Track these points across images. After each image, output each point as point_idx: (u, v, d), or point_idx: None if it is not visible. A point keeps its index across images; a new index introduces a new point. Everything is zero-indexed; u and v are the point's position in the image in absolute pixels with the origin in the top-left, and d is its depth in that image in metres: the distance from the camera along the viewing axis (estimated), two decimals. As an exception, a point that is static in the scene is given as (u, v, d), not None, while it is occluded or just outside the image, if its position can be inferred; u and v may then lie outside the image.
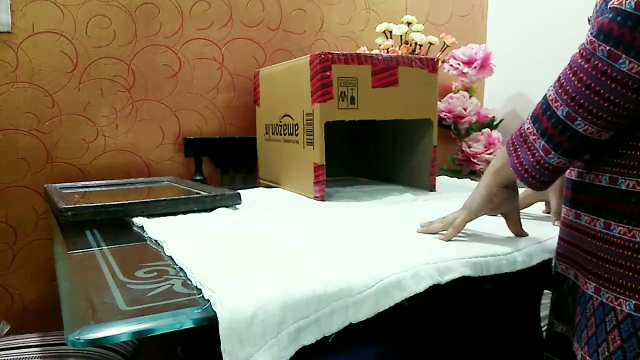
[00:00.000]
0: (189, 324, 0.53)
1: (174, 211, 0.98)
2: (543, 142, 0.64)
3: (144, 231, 0.87)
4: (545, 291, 1.25)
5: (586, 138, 0.61)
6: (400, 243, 0.77)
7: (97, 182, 1.36)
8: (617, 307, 0.59)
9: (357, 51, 1.80)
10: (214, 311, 0.53)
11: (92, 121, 1.46)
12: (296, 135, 1.22)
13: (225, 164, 1.63)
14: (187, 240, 0.78)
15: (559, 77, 0.62)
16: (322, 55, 1.09)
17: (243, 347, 0.52)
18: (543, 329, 1.04)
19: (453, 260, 0.68)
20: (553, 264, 0.75)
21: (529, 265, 0.74)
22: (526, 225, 0.83)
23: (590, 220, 0.64)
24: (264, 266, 0.66)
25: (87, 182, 1.34)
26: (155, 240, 0.80)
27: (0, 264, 1.39)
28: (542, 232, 0.82)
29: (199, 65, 1.59)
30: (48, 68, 1.40)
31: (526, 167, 0.67)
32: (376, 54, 1.17)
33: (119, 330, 0.50)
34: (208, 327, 0.54)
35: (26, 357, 0.94)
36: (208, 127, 1.63)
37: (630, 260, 0.58)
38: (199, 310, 0.54)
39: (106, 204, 0.94)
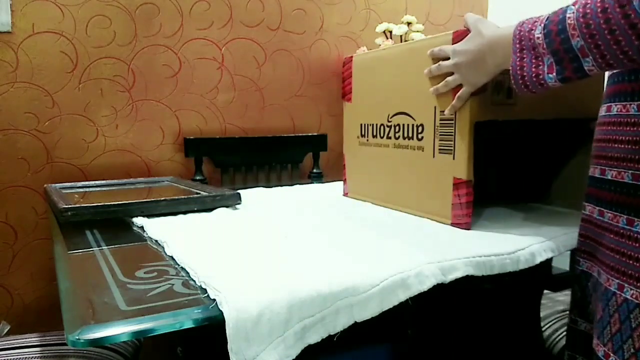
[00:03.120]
0: (189, 324, 0.53)
1: (174, 211, 0.97)
2: (552, 60, 0.64)
3: (144, 231, 0.86)
4: (546, 291, 1.25)
5: (585, 75, 0.62)
6: (404, 242, 0.76)
7: (97, 182, 1.35)
8: None
9: (357, 51, 1.79)
10: (220, 310, 0.53)
11: (92, 121, 1.46)
12: (419, 139, 0.94)
13: (225, 164, 1.63)
14: (189, 240, 0.78)
15: (587, 5, 0.59)
16: None
17: (250, 346, 0.52)
18: (543, 328, 1.04)
19: (457, 260, 0.67)
20: (571, 262, 0.75)
21: (532, 264, 0.73)
22: (529, 224, 0.83)
23: (613, 217, 0.64)
24: (268, 266, 0.65)
25: (87, 182, 1.34)
26: (156, 240, 0.80)
27: (0, 264, 1.39)
28: (545, 231, 0.82)
29: (199, 65, 1.59)
30: (48, 68, 1.40)
31: (525, 74, 0.68)
32: None
33: (119, 330, 0.50)
34: (208, 327, 0.54)
35: (26, 357, 0.94)
36: (208, 127, 1.62)
37: None
38: (199, 310, 0.54)
39: (106, 204, 0.93)
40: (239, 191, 1.07)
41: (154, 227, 0.86)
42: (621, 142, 0.63)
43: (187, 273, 0.63)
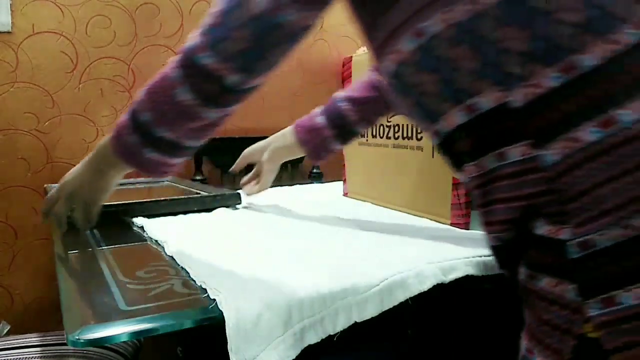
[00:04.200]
0: (189, 324, 0.53)
1: (173, 211, 0.97)
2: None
3: (144, 231, 0.86)
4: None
5: None
6: (404, 243, 0.76)
7: (97, 182, 1.35)
8: None
9: (357, 52, 1.79)
10: (220, 310, 0.53)
11: (92, 121, 1.46)
12: (418, 139, 0.93)
13: (225, 164, 1.63)
14: (189, 240, 0.78)
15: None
16: None
17: (249, 347, 0.52)
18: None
19: (457, 260, 0.67)
20: None
21: (531, 264, 0.73)
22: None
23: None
24: (268, 266, 0.65)
25: (87, 182, 1.34)
26: (156, 240, 0.80)
27: (0, 264, 1.39)
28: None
29: (199, 65, 1.59)
30: (48, 68, 1.40)
31: None
32: None
33: (119, 330, 0.50)
34: (208, 327, 0.54)
35: (26, 357, 0.94)
36: (208, 127, 1.62)
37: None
38: (199, 310, 0.54)
39: (106, 204, 0.93)
40: (239, 191, 1.07)
41: (154, 227, 0.86)
42: None
43: (187, 273, 0.63)
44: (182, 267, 0.66)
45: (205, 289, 0.57)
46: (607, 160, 0.43)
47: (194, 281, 0.60)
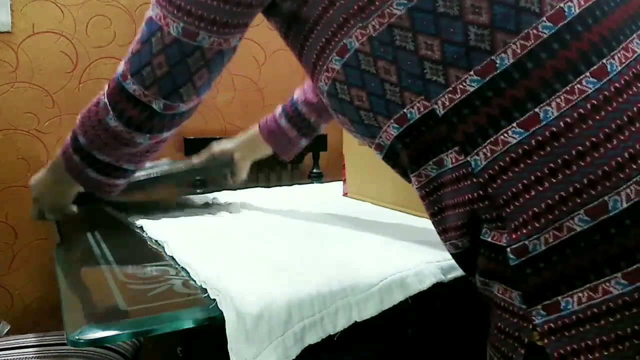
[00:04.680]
0: (189, 324, 0.53)
1: (173, 182, 1.00)
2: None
3: (144, 231, 0.86)
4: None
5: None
6: (403, 242, 0.76)
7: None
8: None
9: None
10: (220, 310, 0.53)
11: (92, 121, 1.46)
12: None
13: (225, 164, 1.63)
14: (189, 240, 0.78)
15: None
16: None
17: (249, 347, 0.52)
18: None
19: (456, 260, 0.67)
20: None
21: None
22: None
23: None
24: (268, 266, 0.65)
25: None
26: (156, 240, 0.80)
27: (0, 264, 1.39)
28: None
29: (199, 65, 1.59)
30: (48, 68, 1.40)
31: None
32: None
33: (119, 330, 0.50)
34: (208, 327, 0.54)
35: (26, 357, 0.94)
36: (208, 127, 1.62)
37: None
38: (199, 310, 0.54)
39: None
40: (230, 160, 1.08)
41: (153, 227, 0.86)
42: None
43: (187, 273, 0.63)
44: (182, 267, 0.66)
45: (205, 289, 0.58)
46: (533, 161, 0.42)
47: (194, 281, 0.61)
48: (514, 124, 0.43)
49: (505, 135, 0.43)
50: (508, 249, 0.43)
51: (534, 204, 0.42)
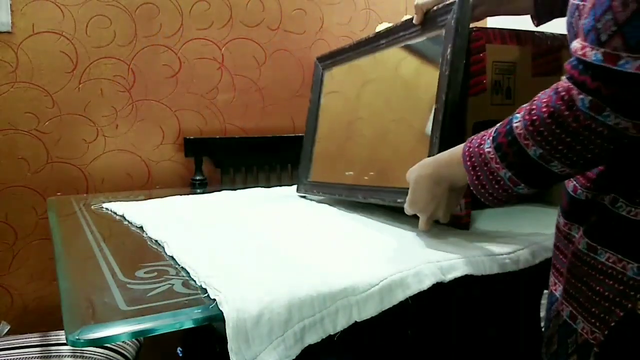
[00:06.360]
0: (189, 324, 0.53)
1: None
2: (510, 174, 0.59)
3: (144, 231, 0.86)
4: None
5: (563, 177, 0.57)
6: (404, 242, 0.76)
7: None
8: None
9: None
10: (220, 310, 0.53)
11: (92, 121, 1.45)
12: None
13: (225, 164, 1.63)
14: (189, 240, 0.78)
15: (532, 111, 0.55)
16: (472, 32, 0.80)
17: (250, 347, 0.52)
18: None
19: (456, 259, 0.67)
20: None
21: (532, 263, 0.73)
22: (529, 224, 0.83)
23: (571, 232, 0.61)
24: (268, 266, 0.65)
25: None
26: (156, 240, 0.80)
27: (0, 264, 1.39)
28: (545, 231, 0.82)
29: (199, 65, 1.59)
30: (48, 68, 1.40)
31: (491, 192, 0.62)
32: (537, 31, 0.86)
33: (119, 330, 0.50)
34: (208, 327, 0.54)
35: (26, 357, 0.94)
36: (208, 127, 1.62)
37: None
38: (199, 310, 0.54)
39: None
40: None
41: (153, 228, 0.85)
42: None
43: (187, 273, 0.63)
44: (182, 267, 0.66)
45: (205, 289, 0.58)
46: None
47: (194, 281, 0.61)
48: None
49: None
50: None
51: None
